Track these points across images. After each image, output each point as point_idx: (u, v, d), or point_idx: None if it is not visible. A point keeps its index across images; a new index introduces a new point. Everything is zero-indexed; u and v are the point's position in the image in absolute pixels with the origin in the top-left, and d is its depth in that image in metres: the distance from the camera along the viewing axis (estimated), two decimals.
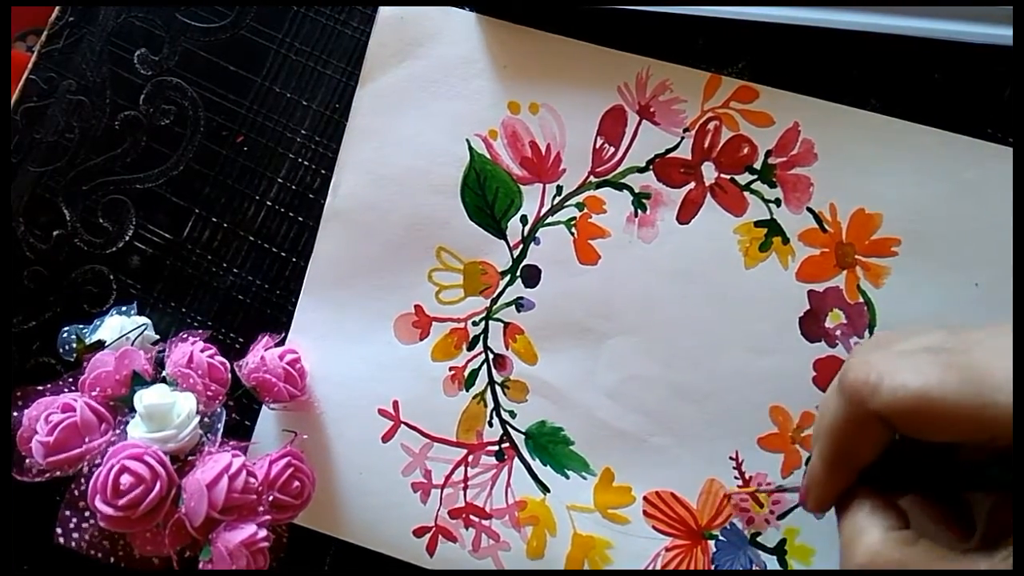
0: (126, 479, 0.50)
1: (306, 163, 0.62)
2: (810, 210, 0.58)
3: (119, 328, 0.58)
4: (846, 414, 0.43)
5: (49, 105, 0.62)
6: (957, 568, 0.40)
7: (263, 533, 0.51)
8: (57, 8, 0.62)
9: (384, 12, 0.61)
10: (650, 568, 0.58)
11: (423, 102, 0.61)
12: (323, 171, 0.61)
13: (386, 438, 0.60)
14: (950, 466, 0.44)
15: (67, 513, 0.54)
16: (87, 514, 0.54)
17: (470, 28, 0.61)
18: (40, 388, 0.56)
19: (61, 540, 0.54)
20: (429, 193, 0.61)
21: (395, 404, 0.60)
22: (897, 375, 0.41)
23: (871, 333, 0.58)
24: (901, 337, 0.44)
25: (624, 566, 0.59)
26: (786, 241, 0.58)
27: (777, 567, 0.58)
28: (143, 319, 0.60)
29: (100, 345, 0.57)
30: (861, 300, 0.58)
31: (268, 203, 0.62)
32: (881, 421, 0.42)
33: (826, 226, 0.58)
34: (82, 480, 0.52)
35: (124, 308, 0.61)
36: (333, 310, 0.61)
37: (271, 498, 0.53)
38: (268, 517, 0.52)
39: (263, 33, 0.62)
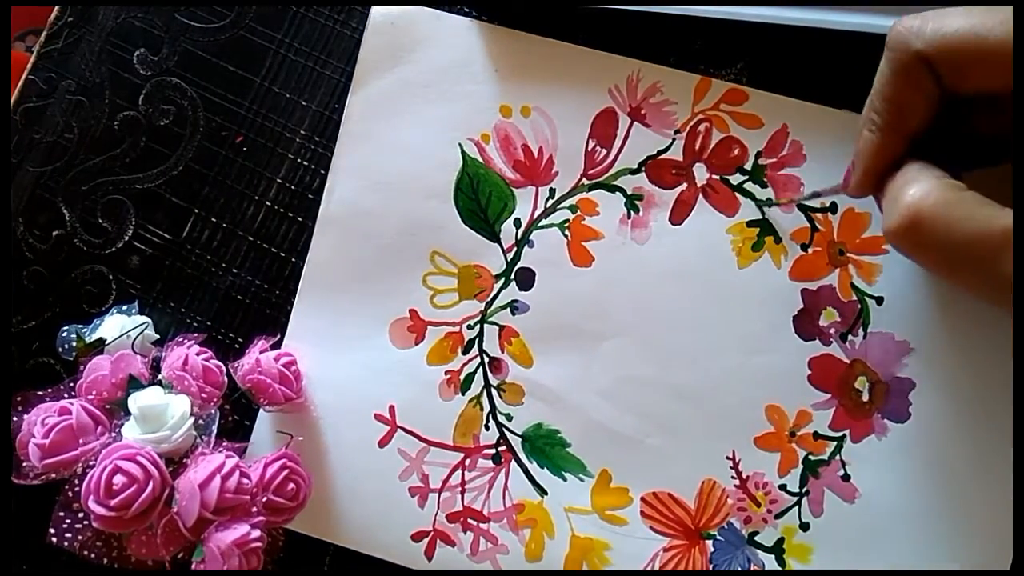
0: (119, 479, 0.47)
1: (305, 163, 0.58)
2: (801, 209, 0.55)
3: (120, 327, 0.55)
4: (892, 64, 0.42)
5: (48, 105, 0.59)
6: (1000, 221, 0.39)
7: (256, 533, 0.49)
8: (56, 8, 0.60)
9: (375, 17, 0.59)
10: (648, 569, 0.55)
11: (415, 107, 0.58)
12: (322, 171, 0.58)
13: (383, 443, 0.57)
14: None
15: (61, 514, 0.51)
16: (81, 515, 0.51)
17: (461, 32, 0.58)
18: (40, 393, 0.54)
19: (54, 540, 0.51)
20: (422, 198, 0.58)
21: (391, 409, 0.57)
22: (943, 18, 0.40)
23: (865, 331, 0.55)
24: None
25: (622, 567, 0.55)
26: (778, 240, 0.56)
27: (775, 566, 0.54)
28: (143, 318, 0.57)
29: (100, 344, 0.54)
30: (855, 298, 0.55)
31: (267, 203, 0.58)
32: (927, 67, 0.41)
33: (818, 225, 0.55)
34: (76, 481, 0.50)
35: (125, 307, 0.58)
36: (328, 315, 0.58)
37: (265, 500, 0.50)
38: (262, 518, 0.49)
39: (262, 33, 0.59)
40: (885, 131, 0.44)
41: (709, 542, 0.55)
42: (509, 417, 0.57)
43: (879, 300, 0.55)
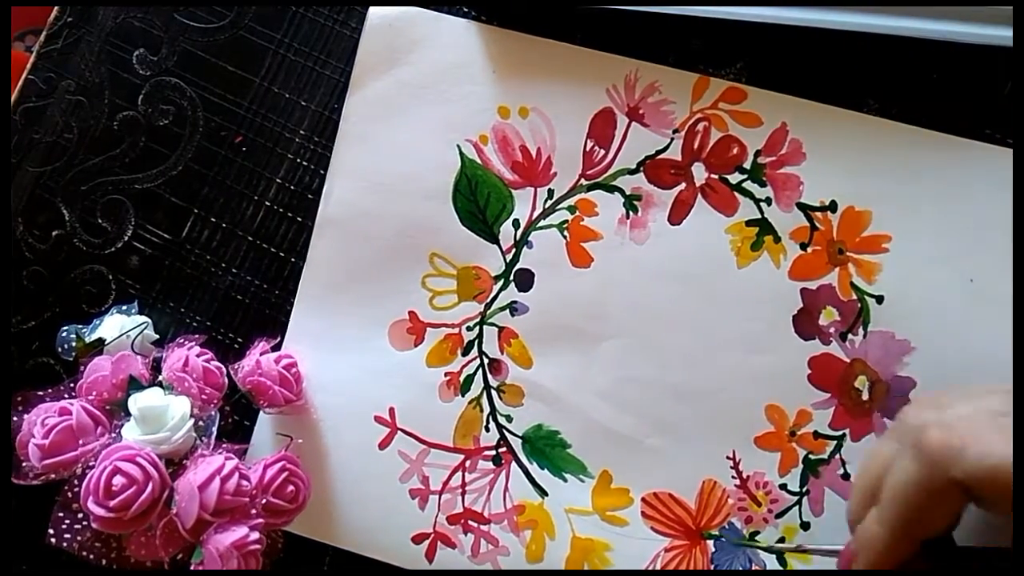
0: (118, 480, 0.47)
1: (305, 163, 0.58)
2: (800, 208, 0.55)
3: (119, 327, 0.55)
4: (925, 478, 0.38)
5: (48, 105, 0.59)
6: None
7: (254, 536, 0.48)
8: (56, 8, 0.59)
9: (372, 19, 0.58)
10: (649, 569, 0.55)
11: (413, 108, 0.58)
12: (321, 171, 0.58)
13: (383, 445, 0.56)
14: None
15: (60, 515, 0.51)
16: (80, 516, 0.50)
17: (459, 33, 0.58)
18: (41, 393, 0.53)
19: (53, 541, 0.50)
20: (421, 199, 0.57)
21: (391, 411, 0.56)
22: (982, 441, 0.37)
23: (865, 330, 0.54)
24: (956, 399, 0.40)
25: (623, 568, 0.54)
26: (778, 240, 0.55)
27: (776, 566, 0.54)
28: (143, 318, 0.57)
29: (100, 344, 0.54)
30: (854, 297, 0.54)
31: (267, 203, 0.58)
32: (960, 489, 0.37)
33: (817, 224, 0.55)
34: (76, 482, 0.49)
35: (125, 307, 0.57)
36: (328, 317, 0.57)
37: (264, 502, 0.49)
38: (261, 520, 0.49)
39: (262, 33, 0.59)
40: (901, 534, 0.40)
41: (710, 542, 0.54)
42: (509, 418, 0.56)
43: (879, 299, 0.54)
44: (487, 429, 0.56)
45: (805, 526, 0.54)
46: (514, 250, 0.57)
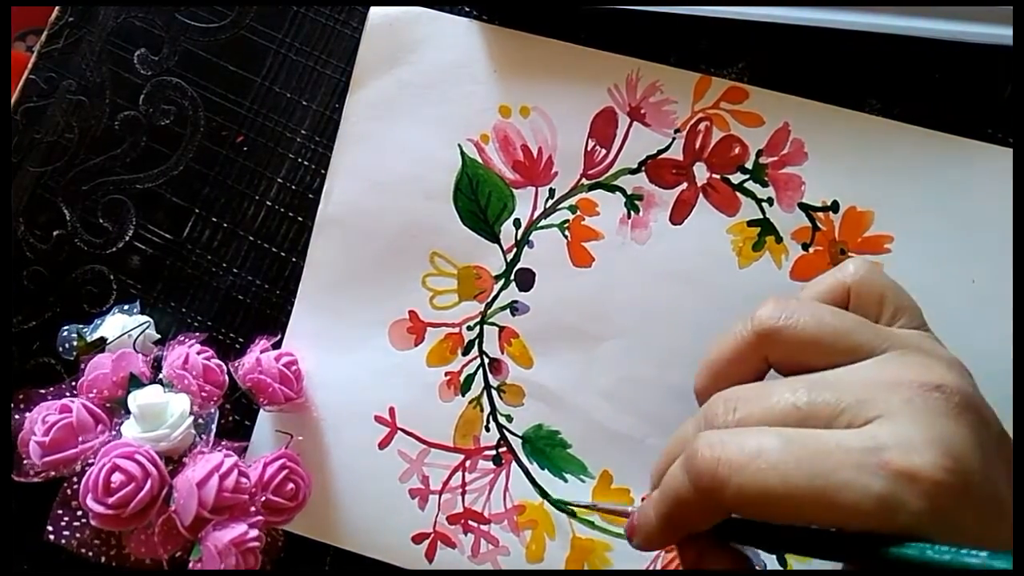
0: (117, 477, 0.47)
1: (306, 163, 0.58)
2: (802, 208, 0.55)
3: (121, 326, 0.55)
4: (686, 491, 0.37)
5: (49, 105, 0.59)
6: None
7: (254, 533, 0.48)
8: (57, 8, 0.59)
9: (373, 18, 0.58)
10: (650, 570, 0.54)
11: (414, 108, 0.58)
12: (323, 171, 0.58)
13: (383, 444, 0.56)
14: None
15: (59, 512, 0.51)
16: (79, 513, 0.50)
17: (460, 32, 0.58)
18: (42, 391, 0.53)
19: (52, 538, 0.50)
20: (422, 199, 0.57)
21: (391, 411, 0.56)
22: (745, 472, 0.35)
23: None
24: (756, 395, 0.38)
25: (624, 568, 0.54)
26: (779, 240, 0.55)
27: (777, 566, 0.53)
28: (145, 317, 0.57)
29: (101, 343, 0.54)
30: None
31: (268, 203, 0.58)
32: (723, 507, 0.36)
33: (819, 224, 0.55)
34: (75, 479, 0.49)
35: (127, 307, 0.57)
36: (328, 317, 0.57)
37: (264, 499, 0.49)
38: (260, 518, 0.49)
39: (263, 33, 0.59)
40: (667, 528, 0.39)
41: None
42: (509, 418, 0.56)
43: None
44: (487, 429, 0.56)
45: None
46: (515, 249, 0.56)
